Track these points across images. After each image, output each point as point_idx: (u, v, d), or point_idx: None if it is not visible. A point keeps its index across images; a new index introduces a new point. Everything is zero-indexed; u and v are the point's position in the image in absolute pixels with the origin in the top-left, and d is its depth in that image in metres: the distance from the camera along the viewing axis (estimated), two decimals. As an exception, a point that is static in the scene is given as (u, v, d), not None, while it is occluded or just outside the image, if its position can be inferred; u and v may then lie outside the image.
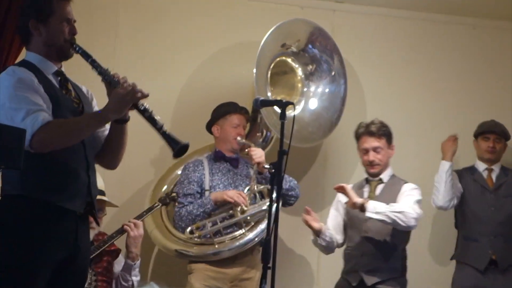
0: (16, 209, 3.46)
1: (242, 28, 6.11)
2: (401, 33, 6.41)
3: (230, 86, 5.92)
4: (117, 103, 3.50)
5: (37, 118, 3.38)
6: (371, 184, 5.26)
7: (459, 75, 6.42)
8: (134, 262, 5.02)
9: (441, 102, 6.37)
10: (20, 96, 3.43)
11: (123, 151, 3.83)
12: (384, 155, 5.21)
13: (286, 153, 3.92)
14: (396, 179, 5.27)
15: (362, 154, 5.26)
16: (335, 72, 5.80)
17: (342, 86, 5.80)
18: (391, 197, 5.12)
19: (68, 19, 3.66)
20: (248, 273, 5.24)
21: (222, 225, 5.18)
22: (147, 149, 5.73)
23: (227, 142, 5.40)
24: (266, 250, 3.83)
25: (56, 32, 3.63)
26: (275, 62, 5.61)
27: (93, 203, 3.69)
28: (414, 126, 6.28)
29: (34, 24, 3.62)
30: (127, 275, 5.03)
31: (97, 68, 3.63)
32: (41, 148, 3.41)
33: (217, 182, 5.31)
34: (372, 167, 5.21)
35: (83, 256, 3.69)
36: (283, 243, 6.01)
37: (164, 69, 6.02)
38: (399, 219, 4.93)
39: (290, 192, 5.42)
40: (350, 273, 5.14)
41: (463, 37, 6.46)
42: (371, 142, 5.19)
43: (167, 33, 6.07)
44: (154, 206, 5.31)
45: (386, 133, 5.23)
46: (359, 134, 5.25)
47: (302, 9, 6.18)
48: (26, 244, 3.43)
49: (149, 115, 3.55)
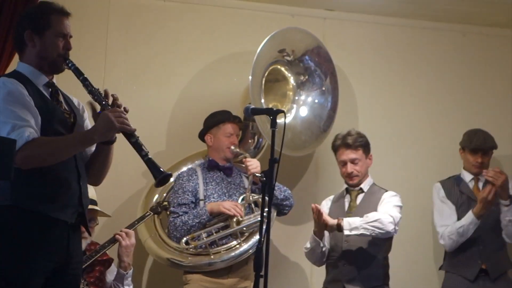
0: (7, 220, 3.45)
1: (234, 38, 6.12)
2: (391, 40, 6.43)
3: (223, 95, 5.92)
4: (105, 127, 3.50)
5: (23, 134, 3.37)
6: (351, 193, 5.28)
7: (450, 82, 6.44)
8: (127, 271, 5.00)
9: (431, 108, 6.39)
10: (8, 109, 3.42)
11: (107, 169, 3.83)
12: (361, 166, 5.24)
13: (277, 161, 3.91)
14: (376, 188, 5.29)
15: (340, 166, 5.28)
16: (325, 88, 5.81)
17: (329, 101, 5.80)
18: (371, 206, 5.14)
19: (64, 34, 3.66)
20: (244, 283, 5.23)
21: (217, 236, 5.17)
22: (138, 158, 5.71)
23: (221, 151, 5.39)
24: (258, 258, 3.83)
25: (51, 46, 3.63)
26: (269, 70, 5.61)
27: (84, 213, 3.68)
28: (405, 133, 6.30)
29: (29, 36, 3.63)
30: (119, 284, 5.01)
31: (88, 87, 3.64)
32: (24, 164, 3.39)
33: (212, 192, 5.30)
34: (350, 179, 5.24)
35: (75, 266, 3.68)
36: (277, 252, 6.01)
37: (158, 80, 6.01)
38: (377, 228, 4.94)
39: (284, 202, 5.43)
40: (332, 283, 5.15)
41: (453, 44, 6.48)
42: (348, 154, 5.22)
43: (159, 45, 6.05)
44: (145, 215, 5.29)
45: (362, 143, 5.24)
46: (336, 146, 5.27)
47: (293, 17, 6.19)
48: (17, 254, 3.42)
49: (135, 141, 3.56)
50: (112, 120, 3.47)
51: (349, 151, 5.20)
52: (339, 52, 6.11)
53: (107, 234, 5.13)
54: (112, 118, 3.48)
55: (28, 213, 3.46)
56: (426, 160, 6.28)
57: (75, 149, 3.57)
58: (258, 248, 3.84)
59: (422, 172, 6.21)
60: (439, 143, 6.31)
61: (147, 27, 6.05)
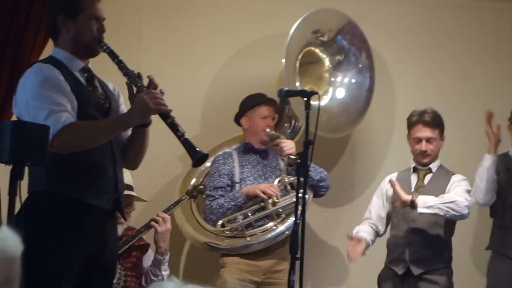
0: (43, 206, 3.47)
1: (267, 20, 6.05)
2: (428, 19, 6.32)
3: (257, 78, 5.87)
4: (141, 110, 3.49)
5: (59, 119, 3.38)
6: (419, 173, 5.20)
7: (492, 59, 6.32)
8: (163, 257, 5.01)
9: (473, 88, 6.28)
10: (44, 95, 3.43)
11: (144, 153, 3.82)
12: (436, 146, 5.15)
13: (312, 143, 3.90)
14: (444, 169, 5.21)
15: (414, 143, 5.17)
16: (362, 65, 5.75)
17: (367, 79, 5.74)
18: (440, 187, 5.08)
19: (97, 17, 3.64)
20: (281, 265, 5.21)
21: (253, 218, 5.17)
22: (175, 143, 5.71)
23: (256, 134, 5.38)
24: (294, 241, 3.82)
25: (84, 29, 3.61)
26: (303, 52, 5.57)
27: (120, 199, 3.68)
28: (447, 115, 6.18)
29: (62, 21, 3.61)
30: (156, 270, 5.02)
31: (123, 69, 3.62)
32: (61, 149, 3.40)
33: (247, 175, 5.29)
34: (423, 157, 5.15)
35: (111, 252, 3.70)
36: (315, 235, 5.99)
37: (192, 64, 5.98)
38: (452, 210, 4.90)
39: (321, 183, 5.40)
40: (396, 262, 5.10)
41: (491, 22, 6.36)
42: (425, 132, 5.12)
43: (191, 28, 6.02)
44: (181, 199, 5.29)
45: (440, 123, 5.16)
46: (413, 122, 5.16)
47: (326, -2, 6.14)
48: (53, 240, 3.44)
49: (171, 122, 3.54)
50: (148, 102, 3.45)
51: (427, 128, 5.10)
52: (374, 33, 6.02)
53: (144, 219, 5.14)
54: (148, 100, 3.46)
55: (64, 200, 3.47)
56: (473, 142, 6.17)
57: (112, 133, 3.57)
58: (294, 231, 3.84)
59: (467, 155, 6.08)
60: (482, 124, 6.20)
61: (181, 10, 6.02)
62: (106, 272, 3.70)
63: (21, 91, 3.52)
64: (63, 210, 3.47)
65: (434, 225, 5.03)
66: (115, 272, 3.83)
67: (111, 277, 3.81)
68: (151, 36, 5.96)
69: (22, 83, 3.54)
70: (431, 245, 5.04)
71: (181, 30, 6.02)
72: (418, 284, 5.02)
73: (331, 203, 5.93)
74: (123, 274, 4.83)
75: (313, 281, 5.89)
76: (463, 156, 5.98)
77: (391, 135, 6.09)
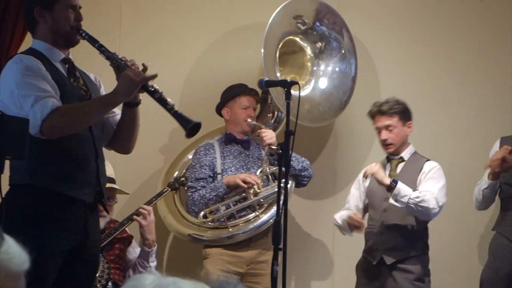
0: (24, 199, 3.48)
1: (248, 9, 6.03)
2: (409, 6, 6.29)
3: (238, 68, 5.86)
4: (126, 86, 3.50)
5: (46, 104, 3.38)
6: (391, 162, 5.19)
7: (476, 44, 6.29)
8: (151, 248, 5.03)
9: (453, 75, 6.27)
10: (28, 83, 3.44)
11: (136, 134, 3.83)
12: (397, 134, 5.10)
13: (293, 134, 3.90)
14: (417, 156, 5.18)
15: (378, 134, 5.17)
16: (345, 50, 5.72)
17: (352, 65, 5.71)
18: (412, 176, 5.06)
19: (73, 5, 3.65)
20: (264, 255, 5.20)
21: (235, 209, 5.16)
22: (157, 136, 5.72)
23: (238, 124, 5.37)
24: (276, 231, 3.83)
25: (62, 19, 3.62)
26: (283, 42, 5.53)
27: (102, 191, 3.68)
28: (429, 102, 6.18)
29: (39, 12, 3.62)
30: (144, 262, 5.03)
31: (105, 52, 3.63)
32: (52, 133, 3.41)
33: (229, 165, 5.29)
34: (386, 147, 5.13)
35: (93, 245, 3.70)
36: (298, 226, 5.98)
37: (170, 54, 5.98)
38: (421, 212, 4.91)
39: (303, 173, 5.39)
40: (370, 252, 5.10)
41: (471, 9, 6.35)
42: (382, 121, 5.09)
43: (171, 18, 6.01)
44: (163, 192, 5.29)
45: (399, 110, 5.11)
46: (372, 113, 5.16)
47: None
48: (35, 233, 3.37)
49: (159, 96, 3.56)
50: (132, 78, 3.48)
51: (384, 117, 5.08)
52: (356, 21, 5.98)
53: (127, 212, 5.16)
54: (131, 75, 3.49)
55: (45, 192, 3.47)
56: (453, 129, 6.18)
57: (101, 112, 3.59)
58: (276, 221, 3.83)
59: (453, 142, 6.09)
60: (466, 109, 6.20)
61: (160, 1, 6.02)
62: (89, 265, 3.70)
63: (3, 83, 3.52)
64: (45, 203, 3.47)
65: (407, 215, 5.02)
66: (98, 265, 3.84)
67: (94, 270, 3.83)
68: (130, 26, 5.95)
69: (3, 75, 3.54)
70: (404, 234, 5.03)
71: (159, 21, 6.01)
72: (392, 273, 4.99)
73: (314, 194, 5.93)
74: (107, 266, 4.82)
75: (297, 273, 5.88)
76: (448, 144, 5.98)
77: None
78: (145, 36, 5.95)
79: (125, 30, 5.92)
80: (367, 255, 5.12)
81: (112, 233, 4.89)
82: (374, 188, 5.11)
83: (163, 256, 5.80)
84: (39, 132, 3.37)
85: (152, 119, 3.75)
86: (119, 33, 5.89)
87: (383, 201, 5.06)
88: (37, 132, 3.36)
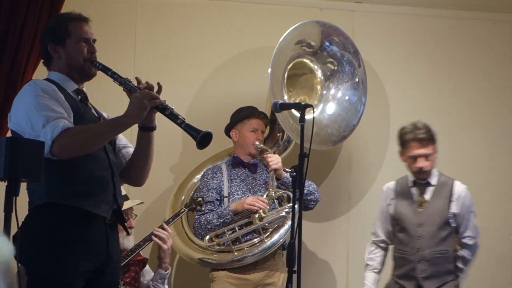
0: (45, 219, 3.47)
1: (263, 32, 6.07)
2: (423, 31, 6.33)
3: (247, 90, 5.91)
4: (136, 107, 3.50)
5: (57, 125, 3.39)
6: (419, 187, 5.14)
7: (486, 72, 6.32)
8: (167, 272, 5.04)
9: (466, 99, 6.30)
10: (41, 104, 3.45)
11: (150, 164, 3.81)
12: (432, 161, 5.10)
13: (307, 156, 3.89)
14: (443, 178, 5.16)
15: (410, 161, 5.08)
16: (359, 79, 5.69)
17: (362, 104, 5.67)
18: (444, 200, 5.08)
19: (86, 38, 3.68)
20: (271, 277, 5.21)
21: (240, 233, 5.17)
22: (167, 156, 5.75)
23: (245, 147, 5.38)
24: (290, 254, 3.81)
25: (75, 52, 3.66)
26: (293, 64, 5.55)
27: (120, 211, 3.68)
28: (440, 126, 6.18)
29: (53, 48, 3.67)
30: (159, 285, 5.02)
31: (117, 79, 3.65)
32: (62, 154, 3.40)
33: (236, 189, 5.29)
34: (421, 174, 5.09)
35: (115, 265, 3.69)
36: (311, 247, 5.99)
37: (186, 77, 6.01)
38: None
39: (309, 197, 5.36)
40: (406, 278, 5.07)
41: (484, 33, 6.37)
42: (421, 150, 5.04)
43: (187, 41, 6.04)
44: (180, 212, 5.25)
45: (433, 137, 5.08)
46: (407, 140, 5.07)
47: (321, 11, 6.14)
48: (58, 255, 3.43)
49: (170, 113, 3.55)
50: (142, 100, 3.49)
51: (422, 146, 5.03)
52: (369, 45, 6.05)
53: (138, 232, 5.12)
54: (141, 97, 3.49)
55: (64, 209, 3.45)
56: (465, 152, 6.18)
57: (110, 134, 3.58)
58: (291, 244, 3.82)
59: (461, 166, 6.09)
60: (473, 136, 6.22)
61: (175, 24, 6.05)
62: (110, 285, 3.68)
63: (17, 104, 3.54)
64: (65, 219, 3.46)
65: (440, 241, 5.02)
66: (118, 285, 3.82)
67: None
68: (144, 52, 5.96)
69: (18, 97, 3.56)
70: (441, 260, 5.03)
71: (175, 44, 6.04)
72: None
73: (323, 216, 5.92)
74: (121, 286, 4.82)
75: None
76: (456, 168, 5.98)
77: (386, 146, 6.09)
78: (161, 63, 5.97)
79: (140, 58, 5.93)
80: (402, 281, 5.08)
81: (129, 254, 4.87)
82: (406, 213, 5.09)
83: (170, 278, 5.75)
84: (49, 152, 3.37)
85: (160, 139, 3.76)
86: (133, 60, 5.91)
87: (417, 227, 5.05)
88: (48, 152, 3.35)
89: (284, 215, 5.14)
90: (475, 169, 6.13)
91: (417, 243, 5.03)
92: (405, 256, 5.07)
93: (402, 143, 5.11)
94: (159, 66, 5.95)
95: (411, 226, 5.07)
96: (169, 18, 6.05)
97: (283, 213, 5.15)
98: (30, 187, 3.52)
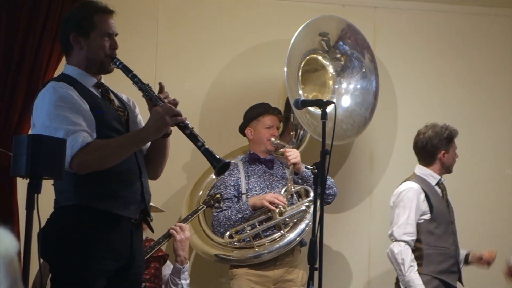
0: (71, 219, 3.47)
1: (284, 28, 6.04)
2: (445, 27, 6.30)
3: (259, 86, 5.91)
4: (157, 124, 3.47)
5: (77, 140, 3.37)
6: (440, 186, 5.22)
7: (497, 71, 6.28)
8: (183, 265, 5.02)
9: (476, 99, 6.26)
10: (60, 115, 3.42)
11: (164, 163, 3.82)
12: None
13: (329, 153, 3.88)
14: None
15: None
16: (366, 69, 5.73)
17: (373, 81, 5.72)
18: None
19: (109, 33, 3.63)
20: (291, 274, 5.21)
21: (261, 228, 5.16)
22: (181, 155, 5.75)
23: (261, 144, 5.37)
24: (312, 251, 3.80)
25: (97, 46, 3.60)
26: (305, 60, 5.56)
27: (147, 209, 3.67)
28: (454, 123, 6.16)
29: (75, 38, 3.60)
30: (176, 279, 5.02)
31: (138, 83, 3.61)
32: (81, 170, 3.39)
33: (253, 185, 5.29)
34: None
35: (138, 265, 3.69)
36: (333, 245, 5.98)
37: (195, 69, 6.00)
38: None
39: (327, 191, 5.31)
40: (448, 274, 5.10)
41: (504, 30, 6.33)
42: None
43: (210, 39, 6.04)
44: (198, 209, 5.27)
45: None
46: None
47: (343, 7, 6.12)
48: (82, 253, 3.44)
49: (190, 132, 3.53)
50: (163, 116, 3.45)
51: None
52: (391, 41, 6.04)
53: (158, 230, 5.11)
54: (163, 113, 3.45)
55: (91, 211, 3.46)
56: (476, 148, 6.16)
57: (131, 149, 3.55)
58: (312, 241, 3.82)
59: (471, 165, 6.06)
60: (492, 135, 6.18)
61: (197, 21, 6.04)
62: (133, 285, 3.69)
63: (37, 112, 3.51)
64: (92, 222, 3.46)
65: None
66: (140, 285, 3.81)
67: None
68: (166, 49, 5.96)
69: (37, 103, 3.52)
70: None
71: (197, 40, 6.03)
72: None
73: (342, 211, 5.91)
74: (143, 286, 4.81)
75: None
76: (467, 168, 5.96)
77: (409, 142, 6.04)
78: (183, 60, 5.98)
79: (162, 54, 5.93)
80: (442, 276, 5.08)
81: (148, 251, 4.89)
82: (443, 211, 5.13)
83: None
84: (68, 167, 3.34)
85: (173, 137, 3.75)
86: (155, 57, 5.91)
87: (450, 224, 5.16)
88: (67, 167, 3.33)
89: (305, 209, 5.15)
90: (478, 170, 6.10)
91: (454, 239, 5.13)
92: (446, 252, 5.10)
93: (449, 139, 5.19)
94: (180, 61, 5.95)
95: (447, 223, 5.13)
96: (191, 13, 6.05)
97: (303, 207, 5.15)
98: (57, 187, 3.53)
